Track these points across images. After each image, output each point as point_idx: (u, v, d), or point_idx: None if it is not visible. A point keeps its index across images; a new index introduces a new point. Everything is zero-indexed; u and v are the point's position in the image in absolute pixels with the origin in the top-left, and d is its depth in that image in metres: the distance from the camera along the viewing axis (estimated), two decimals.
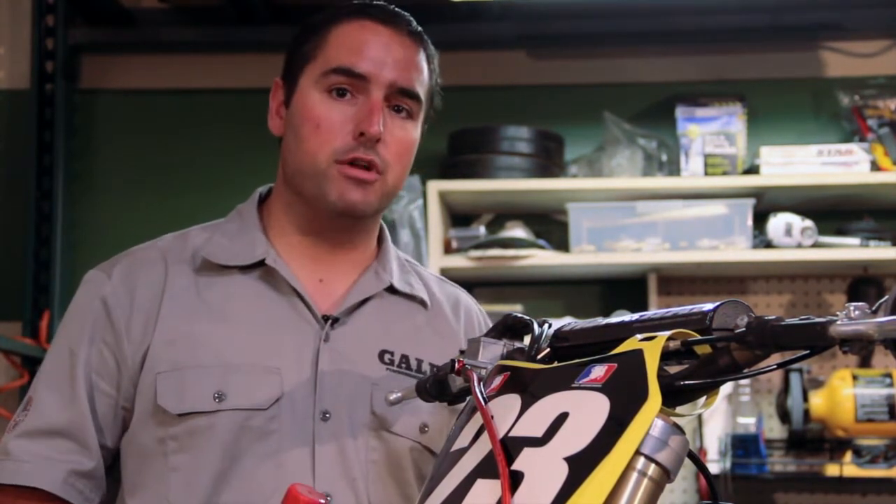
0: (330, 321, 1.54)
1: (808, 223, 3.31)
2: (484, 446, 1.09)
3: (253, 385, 1.47)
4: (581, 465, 0.98)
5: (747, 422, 3.39)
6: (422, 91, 1.60)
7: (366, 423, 1.51)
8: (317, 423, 1.49)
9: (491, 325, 1.70)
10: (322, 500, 1.21)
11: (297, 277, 1.56)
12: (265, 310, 1.54)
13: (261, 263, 1.56)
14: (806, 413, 3.28)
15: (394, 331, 1.60)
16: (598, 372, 1.06)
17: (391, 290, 1.62)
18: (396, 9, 1.61)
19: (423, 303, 1.64)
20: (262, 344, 1.51)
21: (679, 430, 1.00)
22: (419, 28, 1.61)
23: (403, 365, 1.58)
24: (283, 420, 1.47)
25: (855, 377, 3.28)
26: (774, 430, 3.46)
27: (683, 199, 3.35)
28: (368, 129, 1.51)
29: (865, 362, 3.39)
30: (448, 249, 3.39)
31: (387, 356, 1.57)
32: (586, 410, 1.02)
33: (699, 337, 1.05)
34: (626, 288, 3.52)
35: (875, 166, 3.36)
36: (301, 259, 1.58)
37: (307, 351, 1.52)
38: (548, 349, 1.24)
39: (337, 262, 1.60)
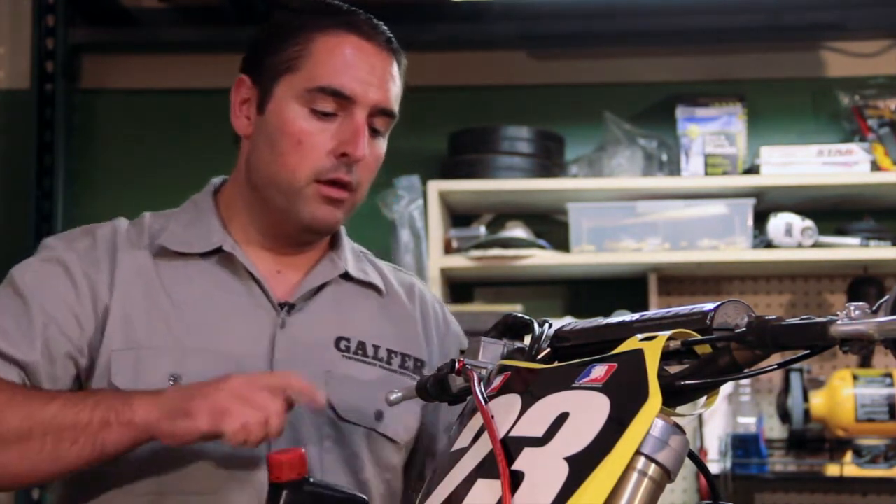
0: (286, 308, 1.55)
1: (809, 223, 3.31)
2: (484, 446, 1.09)
3: (209, 369, 1.46)
4: (581, 465, 0.98)
5: (747, 422, 3.39)
6: (396, 107, 1.60)
7: (320, 410, 1.51)
8: None
9: (447, 313, 1.72)
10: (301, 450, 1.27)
11: (255, 266, 1.57)
12: (222, 296, 1.54)
13: (218, 251, 1.56)
14: (806, 413, 3.28)
15: (350, 317, 1.61)
16: (599, 372, 1.06)
17: (347, 277, 1.63)
18: (374, 19, 1.60)
19: (378, 289, 1.66)
20: (218, 329, 1.51)
21: (679, 429, 1.00)
22: (393, 38, 1.61)
23: (360, 352, 1.59)
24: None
25: (855, 377, 3.28)
26: (775, 430, 3.45)
27: (684, 199, 3.34)
28: (354, 153, 1.52)
29: (866, 362, 3.39)
30: (448, 249, 3.39)
31: (343, 343, 1.58)
32: (587, 410, 1.02)
33: (699, 337, 1.05)
34: (626, 288, 3.52)
35: (875, 166, 3.36)
36: (259, 252, 1.59)
37: (264, 337, 1.53)
38: (548, 349, 1.24)
39: (295, 259, 1.61)
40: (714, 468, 3.26)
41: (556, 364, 1.19)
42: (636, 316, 1.15)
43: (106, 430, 1.37)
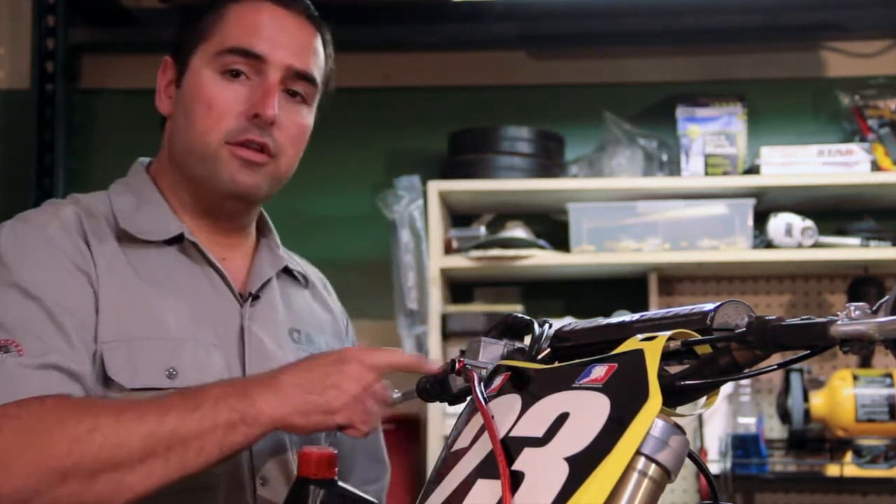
0: (250, 298, 1.54)
1: (809, 223, 3.30)
2: (484, 446, 1.09)
3: (201, 361, 1.45)
4: (582, 466, 0.98)
5: (748, 422, 3.39)
6: (318, 75, 1.57)
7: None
8: None
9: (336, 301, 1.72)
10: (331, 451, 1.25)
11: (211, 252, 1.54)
12: (190, 284, 1.52)
13: (178, 239, 1.53)
14: (806, 413, 3.28)
15: (294, 309, 1.62)
16: (599, 372, 1.06)
17: (284, 270, 1.63)
18: None
19: (304, 281, 1.67)
20: (198, 319, 1.49)
21: (679, 430, 1.00)
22: (316, 12, 1.59)
23: (308, 342, 1.60)
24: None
25: (855, 377, 3.28)
26: (775, 430, 3.45)
27: (684, 199, 3.34)
28: (264, 112, 1.49)
29: (866, 362, 3.39)
30: (448, 249, 3.39)
31: (294, 334, 1.59)
32: (587, 410, 1.02)
33: (700, 337, 1.05)
34: (626, 288, 3.52)
35: (875, 166, 3.35)
36: (201, 239, 1.56)
37: (233, 327, 1.51)
38: (548, 349, 1.24)
39: (231, 243, 1.59)
40: (714, 468, 3.26)
41: (556, 364, 1.19)
42: (636, 316, 1.15)
43: (232, 433, 1.31)
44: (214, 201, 1.55)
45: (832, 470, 3.30)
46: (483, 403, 1.11)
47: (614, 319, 1.18)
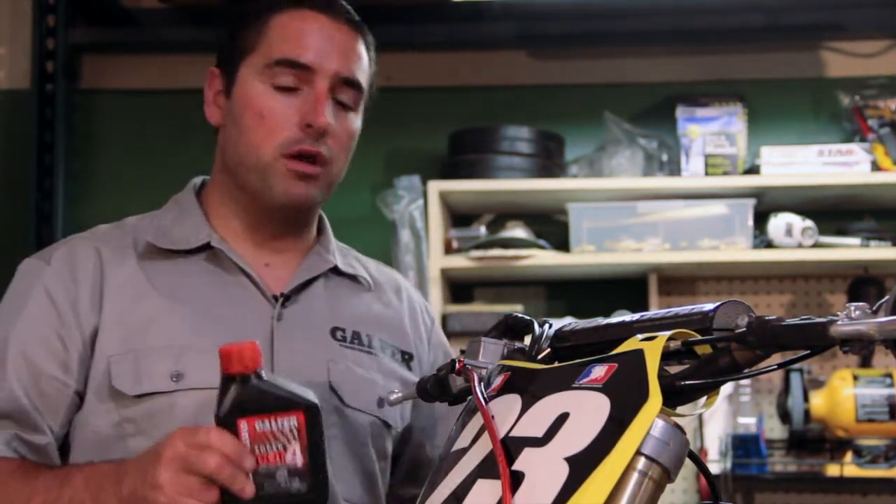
0: (281, 300, 1.55)
1: (809, 223, 3.30)
2: (484, 446, 1.09)
3: (210, 364, 1.42)
4: (582, 466, 0.98)
5: (748, 422, 3.39)
6: (363, 80, 1.59)
7: (325, 399, 1.51)
8: None
9: (431, 309, 1.74)
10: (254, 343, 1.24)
11: (244, 259, 1.56)
12: (215, 291, 1.54)
13: (206, 247, 1.56)
14: (806, 413, 3.28)
15: (342, 309, 1.61)
16: (599, 372, 1.06)
17: (336, 271, 1.63)
18: None
19: (367, 283, 1.67)
20: (214, 324, 1.50)
21: (680, 430, 1.00)
22: (356, 16, 1.61)
23: (356, 341, 1.60)
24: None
25: (855, 377, 3.28)
26: (775, 430, 3.45)
27: (684, 199, 3.34)
28: (316, 121, 1.51)
29: (866, 362, 3.39)
30: (448, 249, 3.39)
31: (339, 332, 1.59)
32: (587, 410, 1.02)
33: (700, 337, 1.05)
34: (626, 288, 3.52)
35: (875, 166, 3.35)
36: (245, 245, 1.59)
37: (262, 329, 1.52)
38: (548, 349, 1.24)
39: (280, 248, 1.61)
40: (714, 468, 3.26)
41: (556, 364, 1.19)
42: (636, 316, 1.15)
43: None
44: (266, 210, 1.57)
45: (832, 470, 3.30)
46: (483, 403, 1.11)
47: (614, 319, 1.18)
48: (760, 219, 3.34)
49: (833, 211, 3.47)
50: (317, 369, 1.53)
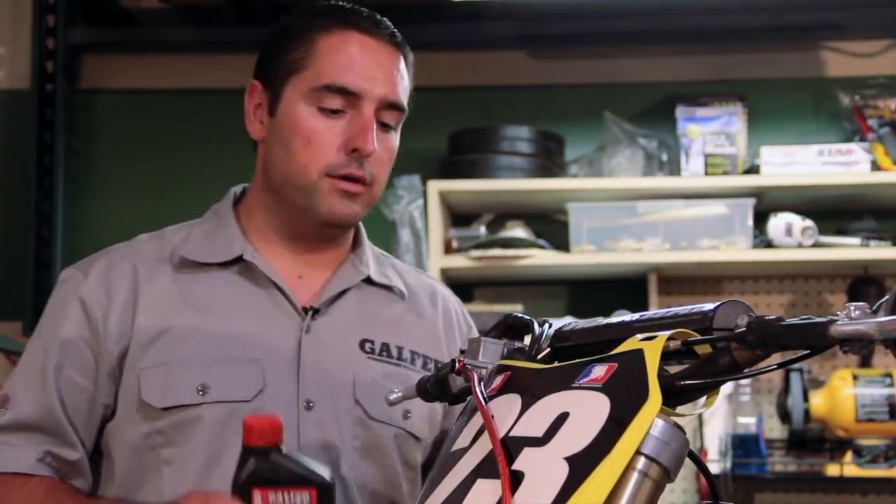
0: (311, 312, 1.56)
1: (809, 223, 3.30)
2: (484, 446, 1.09)
3: (235, 377, 1.49)
4: (581, 465, 0.98)
5: (747, 422, 3.39)
6: (405, 100, 1.61)
7: (349, 411, 1.53)
8: (301, 412, 1.50)
9: (467, 315, 1.73)
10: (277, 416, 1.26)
11: (277, 272, 1.58)
12: (245, 304, 1.56)
13: (239, 259, 1.58)
14: (806, 413, 3.28)
15: (373, 320, 1.62)
16: (599, 372, 1.06)
17: (369, 281, 1.64)
18: (377, 15, 1.61)
19: (400, 293, 1.67)
20: (243, 337, 1.53)
21: (679, 429, 1.00)
22: (398, 34, 1.62)
23: (385, 353, 1.60)
24: (266, 411, 1.48)
25: (855, 377, 3.28)
26: (775, 429, 3.46)
27: (684, 198, 3.34)
28: (364, 147, 1.53)
29: (866, 362, 3.39)
30: (448, 249, 3.39)
31: (367, 344, 1.59)
32: (587, 410, 1.02)
33: (700, 337, 1.05)
34: (626, 288, 3.52)
35: (875, 166, 3.36)
36: (279, 257, 1.61)
37: (289, 342, 1.54)
38: (548, 349, 1.24)
39: (315, 260, 1.62)
40: (714, 468, 3.26)
41: (556, 364, 1.19)
42: (636, 316, 1.15)
43: None
44: (310, 227, 1.59)
45: (832, 470, 3.30)
46: (483, 403, 1.11)
47: (614, 319, 1.18)
48: (760, 219, 3.34)
49: (833, 211, 3.48)
50: (342, 382, 1.54)
